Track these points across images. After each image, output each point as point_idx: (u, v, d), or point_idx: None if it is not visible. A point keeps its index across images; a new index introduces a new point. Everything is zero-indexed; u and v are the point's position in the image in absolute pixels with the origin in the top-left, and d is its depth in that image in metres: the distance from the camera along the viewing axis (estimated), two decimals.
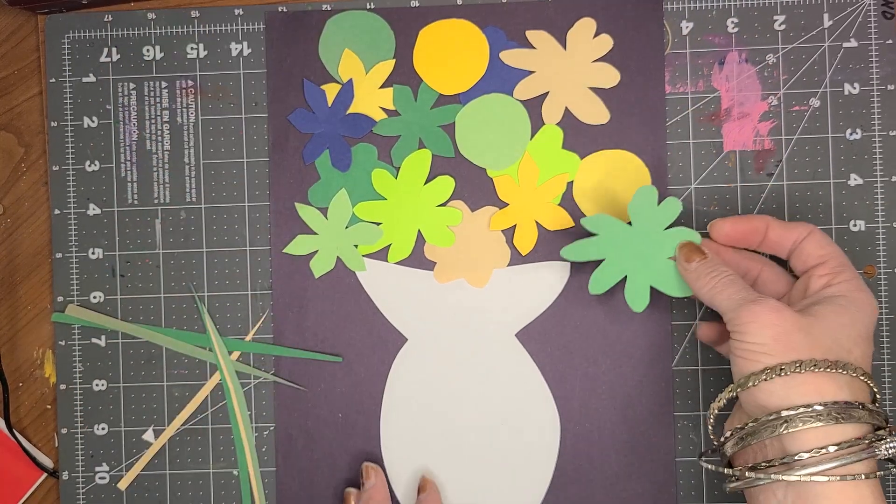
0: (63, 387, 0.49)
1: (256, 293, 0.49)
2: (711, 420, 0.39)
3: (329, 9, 0.49)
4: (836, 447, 0.34)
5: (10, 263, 0.50)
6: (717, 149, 0.48)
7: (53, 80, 0.49)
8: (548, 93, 0.48)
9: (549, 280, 0.48)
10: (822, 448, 0.34)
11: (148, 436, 0.49)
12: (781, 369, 0.35)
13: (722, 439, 0.39)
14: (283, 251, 0.48)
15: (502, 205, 0.48)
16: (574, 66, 0.48)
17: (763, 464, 0.36)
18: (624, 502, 0.48)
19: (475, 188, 0.48)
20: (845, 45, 0.48)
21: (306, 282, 0.48)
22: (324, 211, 0.48)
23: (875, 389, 0.36)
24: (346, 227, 0.48)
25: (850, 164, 0.48)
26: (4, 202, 0.50)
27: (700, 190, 0.48)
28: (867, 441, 0.34)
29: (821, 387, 0.34)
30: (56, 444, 0.49)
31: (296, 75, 0.49)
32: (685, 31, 0.48)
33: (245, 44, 0.49)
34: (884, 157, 0.47)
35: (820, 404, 0.34)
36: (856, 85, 0.48)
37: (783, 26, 0.48)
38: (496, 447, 0.48)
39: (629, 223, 0.43)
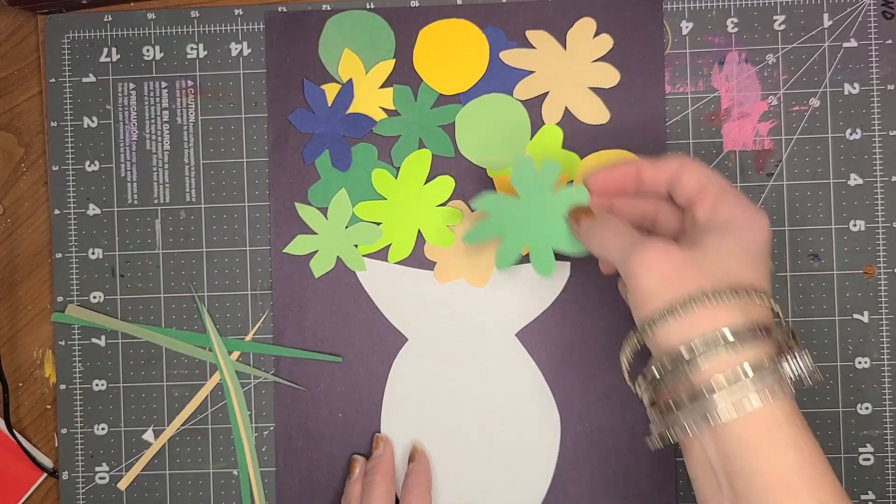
0: (63, 387, 0.49)
1: (256, 293, 0.49)
2: (626, 374, 0.38)
3: (329, 9, 0.49)
4: (739, 374, 0.33)
5: (10, 263, 0.50)
6: (717, 149, 0.48)
7: (53, 80, 0.49)
8: (548, 93, 0.48)
9: (549, 280, 0.48)
10: (725, 378, 0.33)
11: (148, 436, 0.49)
12: (674, 309, 0.34)
13: (638, 390, 0.38)
14: (283, 251, 0.48)
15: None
16: (574, 66, 0.48)
17: (675, 406, 0.35)
18: (624, 502, 0.48)
19: (475, 188, 0.48)
20: (845, 45, 0.48)
21: (306, 282, 0.48)
22: (324, 211, 0.48)
23: (776, 309, 0.35)
24: (346, 227, 0.48)
25: (850, 164, 0.48)
26: (4, 202, 0.50)
27: None
28: (770, 362, 0.33)
29: (715, 317, 0.33)
30: (56, 444, 0.49)
31: (296, 75, 0.49)
32: (685, 31, 0.48)
33: (245, 44, 0.49)
34: (884, 157, 0.48)
35: (716, 334, 0.33)
36: (856, 85, 0.48)
37: (783, 26, 0.48)
38: (496, 447, 0.48)
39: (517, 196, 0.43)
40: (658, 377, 0.35)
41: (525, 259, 0.48)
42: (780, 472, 0.32)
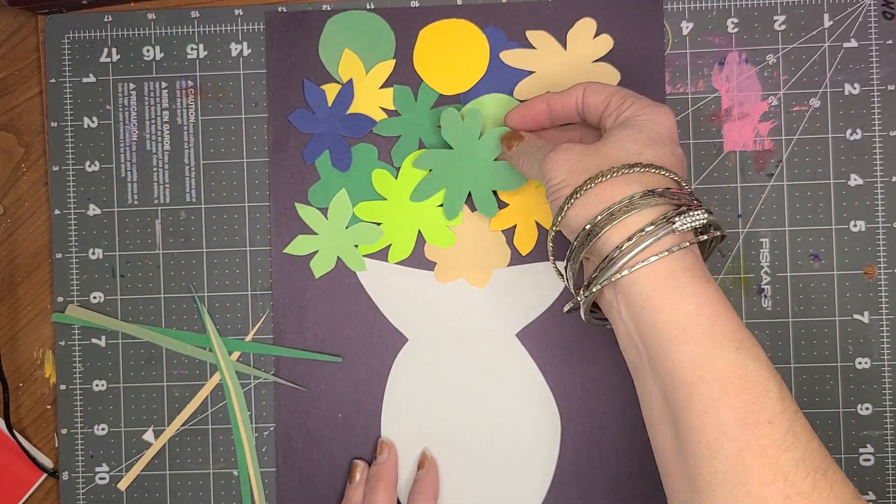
0: (63, 387, 0.49)
1: (256, 293, 0.49)
2: (554, 267, 0.42)
3: (329, 9, 0.49)
4: (637, 234, 0.35)
5: (10, 264, 0.50)
6: (718, 149, 0.48)
7: (53, 80, 0.49)
8: (548, 93, 0.48)
9: (549, 280, 0.48)
10: (623, 239, 0.35)
11: (148, 436, 0.49)
12: (576, 192, 0.37)
13: (565, 275, 0.40)
14: (284, 251, 0.48)
15: (502, 205, 0.48)
16: (574, 67, 0.48)
17: (591, 280, 0.37)
18: (624, 502, 0.48)
19: None
20: (845, 45, 0.48)
21: (306, 282, 0.48)
22: (324, 211, 0.48)
23: (677, 178, 0.37)
24: (347, 228, 0.48)
25: (850, 165, 0.48)
26: (4, 202, 0.50)
27: (700, 190, 0.48)
28: (664, 219, 0.35)
29: (612, 191, 0.36)
30: (56, 445, 0.49)
31: (296, 75, 0.49)
32: (685, 32, 0.48)
33: (245, 44, 0.49)
34: (884, 158, 0.48)
35: (614, 205, 0.36)
36: (856, 85, 0.48)
37: (783, 26, 0.48)
38: (497, 447, 0.48)
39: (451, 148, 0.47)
40: (572, 256, 0.38)
41: (524, 260, 0.48)
42: (679, 322, 0.34)
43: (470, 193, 0.47)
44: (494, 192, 0.47)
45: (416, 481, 0.47)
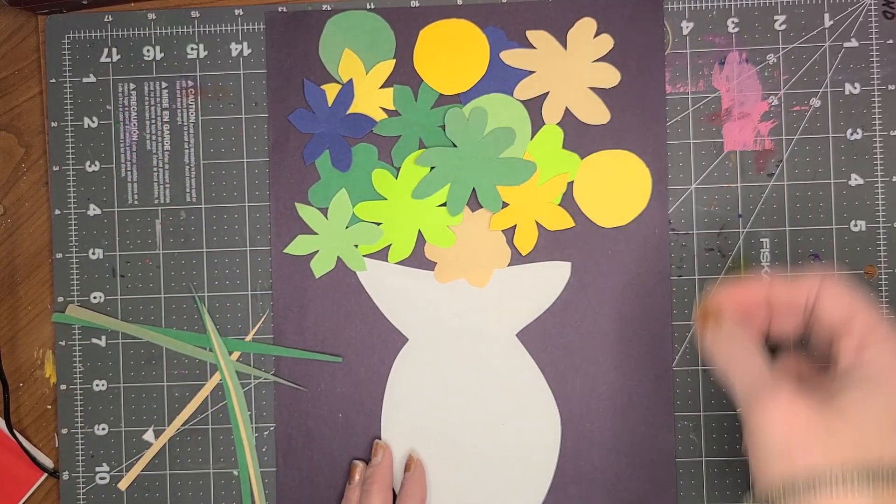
0: (63, 387, 0.49)
1: (256, 293, 0.49)
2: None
3: (329, 9, 0.49)
4: None
5: (10, 263, 0.50)
6: (718, 149, 0.48)
7: (54, 80, 0.49)
8: (548, 93, 0.48)
9: (549, 280, 0.48)
10: None
11: (148, 436, 0.49)
12: (792, 487, 0.29)
13: None
14: (284, 251, 0.48)
15: (503, 204, 0.48)
16: (574, 66, 0.48)
17: None
18: (624, 502, 0.48)
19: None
20: (846, 45, 0.48)
21: (306, 282, 0.48)
22: (324, 211, 0.48)
23: None
24: (347, 227, 0.48)
25: (850, 164, 0.47)
26: (5, 202, 0.50)
27: (700, 190, 0.48)
28: None
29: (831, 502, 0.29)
30: (56, 445, 0.50)
31: (296, 75, 0.49)
32: (685, 31, 0.48)
33: (245, 44, 0.49)
34: (884, 157, 0.47)
35: None
36: (856, 85, 0.48)
37: (784, 26, 0.48)
38: (497, 447, 0.48)
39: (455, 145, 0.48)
40: None
41: (524, 260, 0.48)
42: None
43: (474, 190, 0.47)
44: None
45: (403, 484, 0.47)
